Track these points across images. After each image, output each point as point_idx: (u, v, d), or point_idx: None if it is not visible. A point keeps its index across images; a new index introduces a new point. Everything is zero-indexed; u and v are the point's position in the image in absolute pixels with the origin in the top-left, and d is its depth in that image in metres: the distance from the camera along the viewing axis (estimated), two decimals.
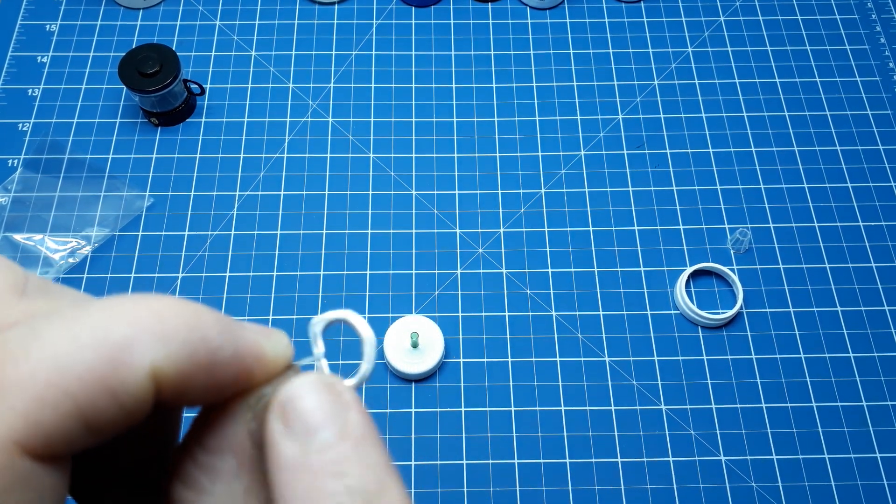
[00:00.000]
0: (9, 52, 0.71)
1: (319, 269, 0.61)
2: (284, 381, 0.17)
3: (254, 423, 0.16)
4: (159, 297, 0.15)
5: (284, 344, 0.18)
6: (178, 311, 0.15)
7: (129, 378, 0.14)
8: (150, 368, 0.14)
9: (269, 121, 0.68)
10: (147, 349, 0.14)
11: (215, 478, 0.16)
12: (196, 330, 0.15)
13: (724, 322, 0.59)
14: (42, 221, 0.63)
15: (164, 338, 0.15)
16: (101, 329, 0.14)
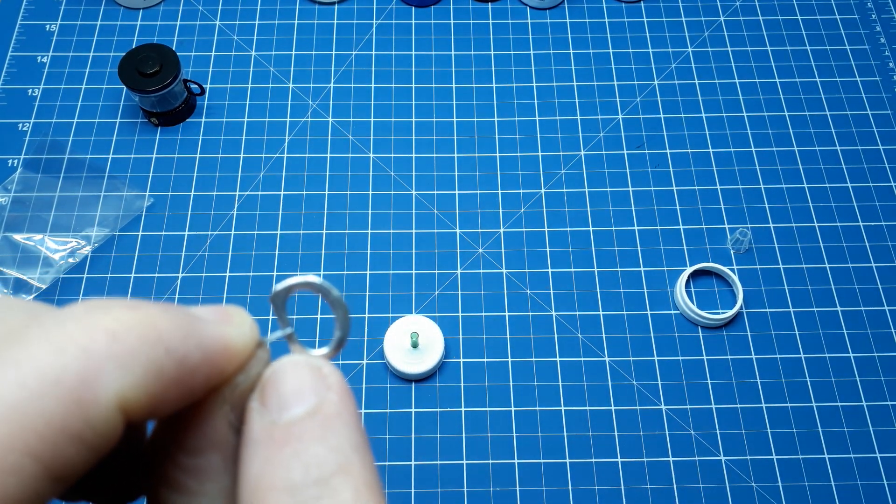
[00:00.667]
0: (9, 52, 0.71)
1: (320, 270, 0.61)
2: (258, 364, 0.16)
3: (232, 414, 0.16)
4: (107, 310, 0.14)
5: (248, 325, 0.16)
6: (132, 325, 0.13)
7: (95, 418, 0.13)
8: (117, 401, 0.13)
9: (269, 121, 0.68)
10: (110, 381, 0.13)
11: (203, 478, 0.15)
12: (156, 343, 0.14)
13: (724, 322, 0.59)
14: (42, 221, 0.63)
15: (125, 363, 0.13)
16: (51, 367, 0.12)
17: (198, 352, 0.14)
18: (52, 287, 0.60)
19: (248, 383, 0.16)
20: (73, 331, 0.13)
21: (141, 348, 0.13)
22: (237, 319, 0.16)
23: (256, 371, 0.16)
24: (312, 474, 0.14)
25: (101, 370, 0.13)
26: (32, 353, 0.12)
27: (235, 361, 0.16)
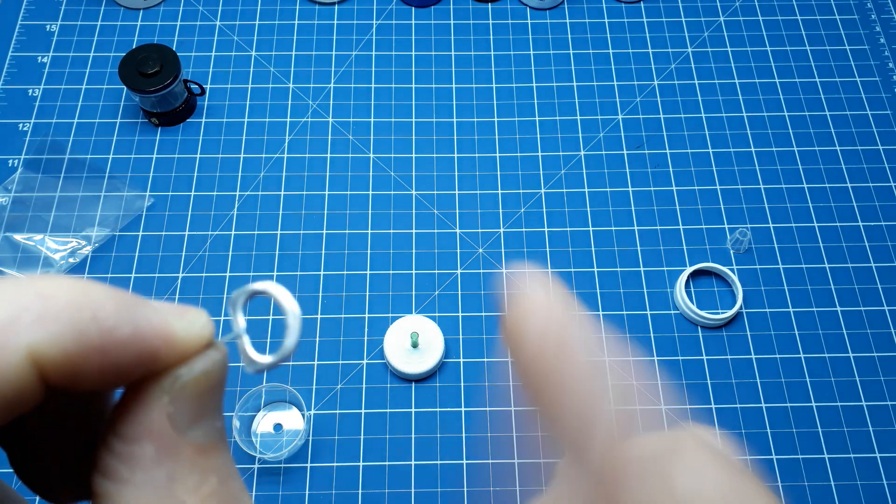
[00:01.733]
0: (9, 52, 0.71)
1: (319, 269, 0.61)
2: (205, 361, 0.16)
3: (171, 406, 0.15)
4: (48, 277, 0.14)
5: (201, 323, 0.16)
6: (65, 289, 0.14)
7: (4, 366, 0.13)
8: (28, 351, 0.13)
9: (270, 121, 0.68)
10: (24, 331, 0.13)
11: (134, 466, 0.15)
12: (84, 309, 0.14)
13: (724, 322, 0.59)
14: (42, 221, 0.63)
15: (44, 318, 0.13)
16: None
17: (129, 327, 0.15)
18: None
19: (191, 377, 0.16)
20: (10, 287, 0.14)
21: (65, 308, 0.14)
22: (191, 316, 0.16)
23: (202, 368, 0.16)
24: None
25: (18, 321, 0.13)
26: None
27: (174, 351, 0.15)
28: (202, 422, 0.16)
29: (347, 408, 0.56)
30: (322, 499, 0.52)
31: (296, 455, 0.54)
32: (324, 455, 0.54)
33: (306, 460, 0.54)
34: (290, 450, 0.52)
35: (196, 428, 0.15)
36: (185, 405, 0.15)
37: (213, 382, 0.16)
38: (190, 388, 0.16)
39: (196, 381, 0.16)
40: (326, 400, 0.56)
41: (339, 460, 0.54)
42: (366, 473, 0.53)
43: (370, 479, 0.53)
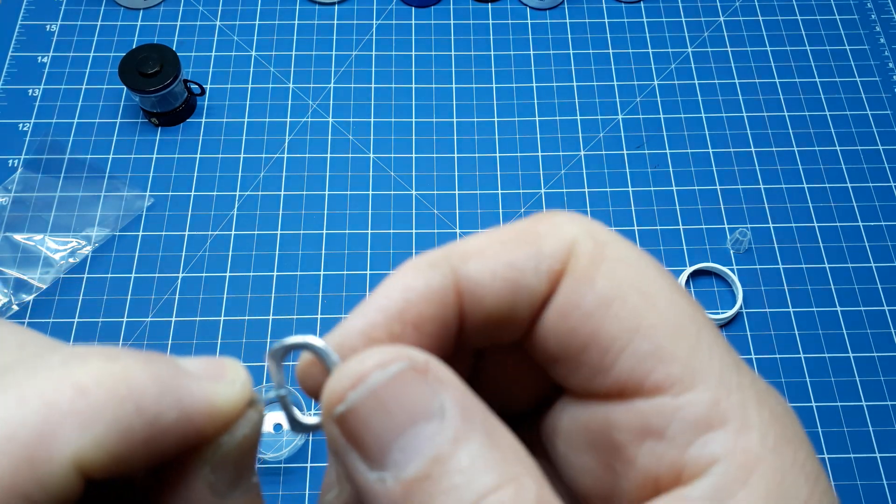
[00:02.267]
0: (9, 52, 0.71)
1: (319, 270, 0.61)
2: (246, 425, 0.15)
3: (212, 475, 0.14)
4: (84, 360, 0.13)
5: (241, 383, 0.15)
6: (104, 380, 0.13)
7: (47, 478, 0.12)
8: (73, 460, 0.12)
9: (270, 121, 0.68)
10: (68, 439, 0.12)
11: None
12: (127, 401, 0.13)
13: (724, 322, 0.59)
14: (42, 221, 0.63)
15: (87, 420, 0.12)
16: (9, 421, 0.12)
17: (174, 411, 0.13)
18: (52, 287, 0.60)
19: (234, 444, 0.15)
20: (42, 382, 0.12)
21: (107, 404, 0.12)
22: (230, 376, 0.15)
23: (244, 433, 0.15)
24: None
25: (60, 427, 0.12)
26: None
27: (219, 422, 0.14)
28: (241, 483, 0.15)
29: None
30: None
31: (296, 455, 0.54)
32: (324, 455, 0.54)
33: (306, 460, 0.54)
34: (290, 450, 0.53)
35: (235, 490, 0.15)
36: (226, 472, 0.15)
37: (251, 444, 0.15)
38: (231, 456, 0.15)
39: (238, 447, 0.15)
40: None
41: None
42: None
43: None
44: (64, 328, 0.58)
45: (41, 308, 0.59)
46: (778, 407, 0.14)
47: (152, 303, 0.59)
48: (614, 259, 0.15)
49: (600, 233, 0.16)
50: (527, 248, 0.15)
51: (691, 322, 0.14)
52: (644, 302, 0.14)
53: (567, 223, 0.16)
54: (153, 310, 0.59)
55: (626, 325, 0.14)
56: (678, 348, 0.14)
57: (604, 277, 0.15)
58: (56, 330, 0.58)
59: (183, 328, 0.58)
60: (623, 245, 0.15)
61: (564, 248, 0.15)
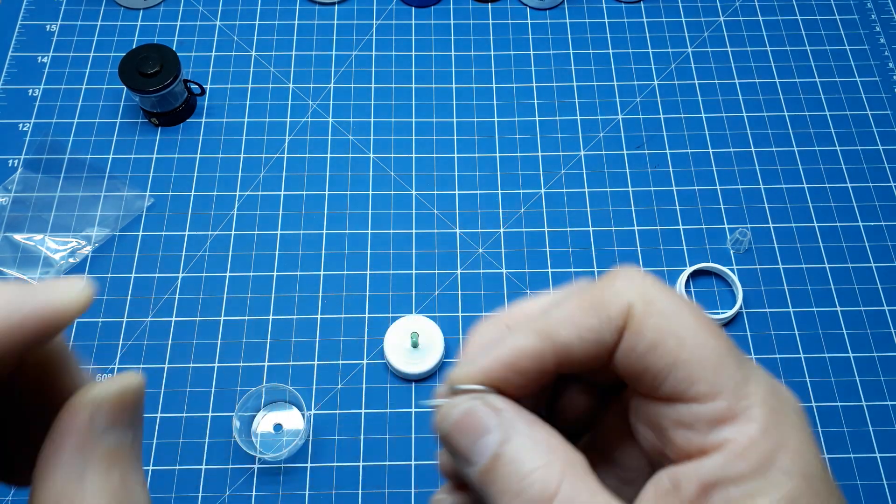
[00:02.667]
0: (9, 53, 0.71)
1: (319, 270, 0.61)
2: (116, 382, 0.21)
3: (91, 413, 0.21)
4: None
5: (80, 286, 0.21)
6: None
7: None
8: None
9: (270, 121, 0.68)
10: None
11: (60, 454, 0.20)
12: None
13: (724, 322, 0.59)
14: (42, 221, 0.63)
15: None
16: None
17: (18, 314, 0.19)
18: None
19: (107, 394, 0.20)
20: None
21: None
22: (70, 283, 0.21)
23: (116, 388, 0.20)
24: None
25: None
26: None
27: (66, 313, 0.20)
28: (113, 430, 0.20)
29: (347, 408, 0.56)
30: (322, 499, 0.52)
31: (296, 455, 0.54)
32: (324, 455, 0.54)
33: (306, 460, 0.54)
34: (290, 450, 0.53)
35: (109, 434, 0.20)
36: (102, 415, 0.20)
37: (126, 401, 0.20)
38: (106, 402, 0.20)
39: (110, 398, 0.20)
40: (326, 400, 0.56)
41: (339, 460, 0.54)
42: (366, 473, 0.53)
43: (370, 479, 0.53)
44: None
45: None
46: (779, 404, 0.22)
47: (152, 303, 0.59)
48: (657, 313, 0.22)
49: (650, 292, 0.23)
50: (600, 314, 0.23)
51: (713, 352, 0.22)
52: (677, 344, 0.22)
53: (626, 289, 0.23)
54: (153, 310, 0.59)
55: (666, 360, 0.22)
56: (704, 373, 0.22)
57: (650, 330, 0.22)
58: None
59: (183, 328, 0.58)
60: (666, 300, 0.23)
61: (624, 311, 0.22)
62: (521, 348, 0.23)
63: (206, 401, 0.55)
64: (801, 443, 0.21)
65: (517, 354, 0.23)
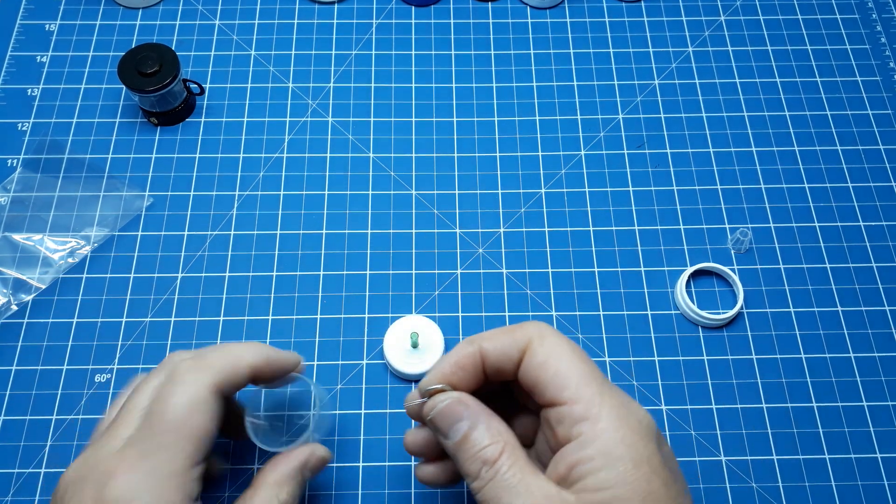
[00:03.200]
0: (8, 52, 0.71)
1: (319, 269, 0.61)
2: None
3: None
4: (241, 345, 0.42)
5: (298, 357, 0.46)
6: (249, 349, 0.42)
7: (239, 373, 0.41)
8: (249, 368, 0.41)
9: (269, 120, 0.68)
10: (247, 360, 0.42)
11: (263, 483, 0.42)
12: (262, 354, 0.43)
13: (725, 322, 0.59)
14: (41, 221, 0.62)
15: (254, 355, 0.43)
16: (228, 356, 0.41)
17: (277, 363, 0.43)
18: (51, 287, 0.60)
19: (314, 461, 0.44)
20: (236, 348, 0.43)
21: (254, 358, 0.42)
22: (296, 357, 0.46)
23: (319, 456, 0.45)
24: None
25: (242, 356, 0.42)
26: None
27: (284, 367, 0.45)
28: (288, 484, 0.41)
29: (347, 408, 0.56)
30: (322, 499, 0.52)
31: None
32: None
33: None
34: None
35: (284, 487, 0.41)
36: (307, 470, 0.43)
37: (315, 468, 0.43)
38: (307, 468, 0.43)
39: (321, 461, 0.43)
40: (326, 400, 0.56)
41: (339, 460, 0.54)
42: (366, 473, 0.53)
43: (370, 479, 0.53)
44: (63, 328, 0.58)
45: (40, 308, 0.59)
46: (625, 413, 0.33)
47: (151, 303, 0.59)
48: (547, 344, 0.36)
49: (545, 332, 0.36)
50: (513, 337, 0.37)
51: (579, 372, 0.35)
52: (556, 364, 0.35)
53: (531, 328, 0.37)
54: (152, 310, 0.59)
55: (549, 374, 0.35)
56: (571, 385, 0.34)
57: (541, 353, 0.36)
58: (55, 330, 0.58)
59: (182, 328, 0.58)
60: (555, 338, 0.36)
61: (527, 339, 0.36)
62: (463, 353, 0.37)
63: None
64: (637, 440, 0.32)
65: (461, 357, 0.37)
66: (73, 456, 0.53)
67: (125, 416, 0.38)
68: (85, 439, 0.54)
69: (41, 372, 0.56)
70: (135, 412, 0.38)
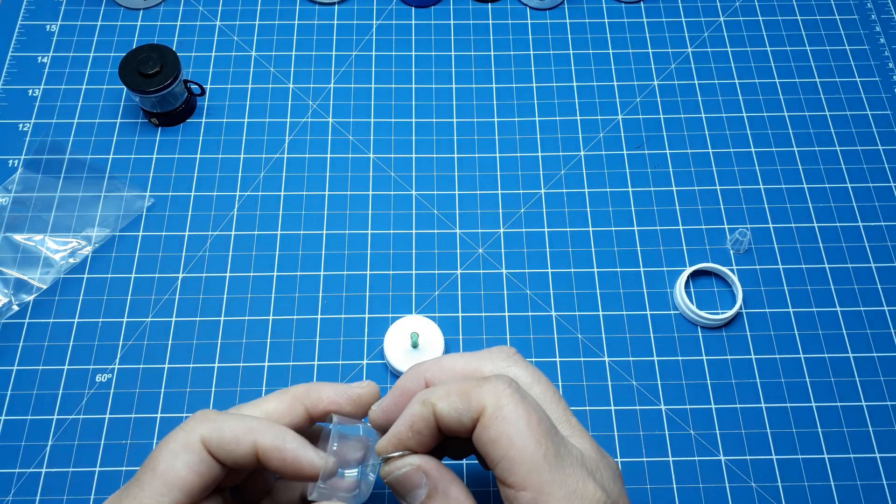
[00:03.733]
0: (9, 53, 0.71)
1: (319, 270, 0.61)
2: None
3: None
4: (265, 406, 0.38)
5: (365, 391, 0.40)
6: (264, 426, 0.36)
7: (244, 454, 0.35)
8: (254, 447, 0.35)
9: (270, 121, 0.68)
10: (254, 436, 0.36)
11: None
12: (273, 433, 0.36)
13: (724, 322, 0.59)
14: (42, 222, 0.63)
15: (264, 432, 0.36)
16: (235, 428, 0.35)
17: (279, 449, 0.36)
18: (52, 287, 0.60)
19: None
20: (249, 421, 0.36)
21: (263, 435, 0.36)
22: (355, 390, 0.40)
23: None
24: None
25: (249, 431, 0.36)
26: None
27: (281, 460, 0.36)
28: None
29: None
30: None
31: None
32: None
33: None
34: None
35: None
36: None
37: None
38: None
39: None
40: None
41: None
42: None
43: None
44: (64, 328, 0.58)
45: (41, 308, 0.59)
46: (576, 499, 0.31)
47: (152, 303, 0.59)
48: (501, 418, 0.32)
49: (502, 400, 0.32)
50: (467, 402, 0.33)
51: (532, 455, 0.31)
52: (508, 444, 0.32)
53: (488, 393, 0.33)
54: (153, 310, 0.59)
55: (499, 453, 0.32)
56: (520, 470, 0.31)
57: (492, 429, 0.32)
58: (56, 330, 0.58)
59: (183, 328, 0.58)
60: (513, 409, 0.32)
61: (481, 408, 0.32)
62: (417, 416, 0.34)
63: (206, 401, 0.55)
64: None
65: (415, 421, 0.34)
66: (74, 456, 0.54)
67: None
68: (85, 439, 0.54)
69: (42, 372, 0.57)
70: None
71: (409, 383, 0.37)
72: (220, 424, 0.34)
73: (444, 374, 0.36)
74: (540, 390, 0.35)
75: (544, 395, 0.35)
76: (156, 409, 0.55)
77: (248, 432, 0.34)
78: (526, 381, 0.35)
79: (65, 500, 0.52)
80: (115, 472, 0.53)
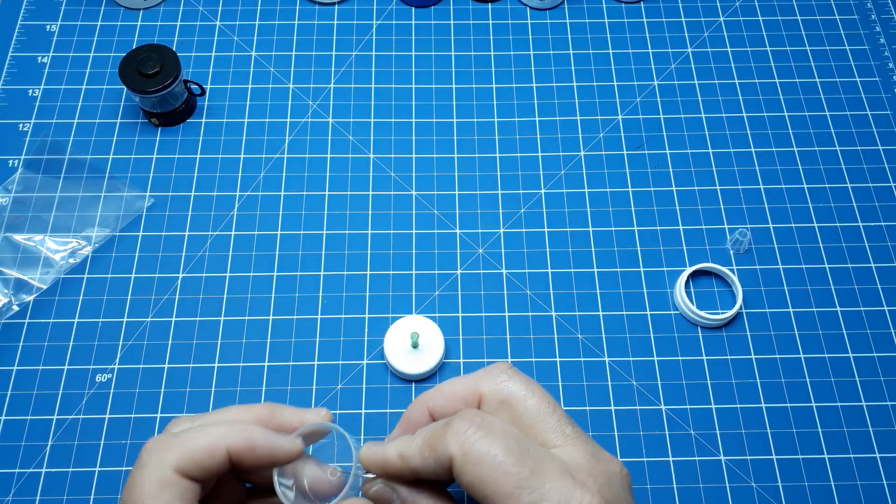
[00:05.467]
0: (9, 53, 0.71)
1: (319, 270, 0.61)
2: None
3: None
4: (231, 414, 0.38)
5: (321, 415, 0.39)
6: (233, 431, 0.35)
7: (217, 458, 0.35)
8: (227, 452, 0.34)
9: (270, 121, 0.68)
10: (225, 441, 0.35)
11: None
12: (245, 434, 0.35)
13: (724, 322, 0.59)
14: (42, 222, 0.63)
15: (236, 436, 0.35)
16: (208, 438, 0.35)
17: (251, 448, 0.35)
18: (52, 287, 0.60)
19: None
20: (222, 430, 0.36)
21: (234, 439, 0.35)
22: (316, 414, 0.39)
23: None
24: None
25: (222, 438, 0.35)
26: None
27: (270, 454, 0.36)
28: None
29: (347, 408, 0.56)
30: None
31: None
32: None
33: None
34: None
35: None
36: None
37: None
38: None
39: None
40: (326, 400, 0.56)
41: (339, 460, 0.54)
42: None
43: None
44: (64, 328, 0.58)
45: (41, 308, 0.59)
46: (565, 494, 0.32)
47: (152, 303, 0.59)
48: (470, 463, 0.32)
49: (468, 443, 0.33)
50: (436, 456, 0.34)
51: (510, 485, 0.32)
52: (484, 484, 0.32)
53: (451, 443, 0.33)
54: (153, 310, 0.59)
55: (479, 493, 0.32)
56: (503, 503, 0.32)
57: (465, 475, 0.32)
58: (56, 330, 0.58)
59: (183, 328, 0.58)
60: (477, 447, 0.32)
61: (448, 457, 0.33)
62: (395, 469, 0.35)
63: (206, 401, 0.55)
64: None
65: (396, 472, 0.36)
66: (74, 456, 0.54)
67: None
68: (85, 439, 0.54)
69: (42, 372, 0.57)
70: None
71: (413, 414, 0.38)
72: (189, 444, 0.34)
73: (446, 401, 0.37)
74: (534, 402, 0.35)
75: (538, 407, 0.35)
76: (156, 409, 0.55)
77: (219, 440, 0.34)
78: (521, 395, 0.36)
79: (65, 500, 0.52)
80: (115, 473, 0.53)
